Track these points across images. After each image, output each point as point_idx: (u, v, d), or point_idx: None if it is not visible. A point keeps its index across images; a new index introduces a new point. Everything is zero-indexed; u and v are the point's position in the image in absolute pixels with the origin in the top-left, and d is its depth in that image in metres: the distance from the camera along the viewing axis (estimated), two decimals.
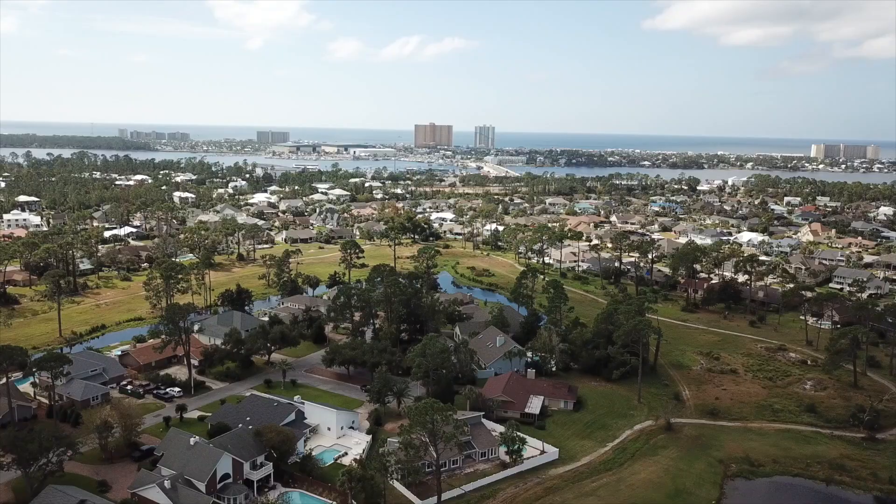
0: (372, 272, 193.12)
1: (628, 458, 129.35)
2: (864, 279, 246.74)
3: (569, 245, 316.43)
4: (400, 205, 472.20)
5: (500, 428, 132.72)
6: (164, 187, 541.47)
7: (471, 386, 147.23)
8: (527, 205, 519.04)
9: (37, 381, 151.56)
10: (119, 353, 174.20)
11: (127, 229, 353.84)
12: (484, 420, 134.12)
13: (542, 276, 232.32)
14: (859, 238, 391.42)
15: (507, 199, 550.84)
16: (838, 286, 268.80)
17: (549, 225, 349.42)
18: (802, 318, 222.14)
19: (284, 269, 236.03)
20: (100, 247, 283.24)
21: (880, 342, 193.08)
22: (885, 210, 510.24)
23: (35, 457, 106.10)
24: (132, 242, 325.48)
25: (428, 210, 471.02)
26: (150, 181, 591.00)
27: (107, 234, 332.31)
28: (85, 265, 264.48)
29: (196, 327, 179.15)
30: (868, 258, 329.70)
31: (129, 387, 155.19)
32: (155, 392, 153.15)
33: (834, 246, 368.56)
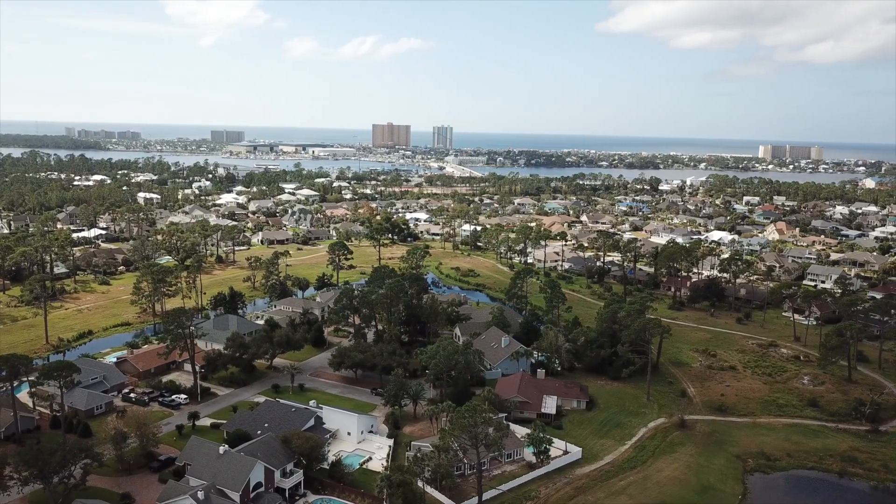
0: (373, 274, 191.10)
1: (650, 456, 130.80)
2: (846, 277, 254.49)
3: (546, 245, 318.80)
4: (373, 205, 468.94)
5: (520, 429, 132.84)
6: (124, 188, 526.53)
7: (489, 387, 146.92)
8: (497, 205, 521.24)
9: (34, 389, 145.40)
10: (115, 359, 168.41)
11: (95, 231, 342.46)
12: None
13: (535, 278, 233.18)
14: (822, 236, 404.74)
15: (476, 199, 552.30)
16: (812, 283, 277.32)
17: (529, 225, 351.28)
18: (786, 314, 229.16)
19: (273, 271, 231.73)
20: (72, 250, 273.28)
21: (863, 337, 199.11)
22: (840, 209, 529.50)
23: (57, 470, 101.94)
24: (102, 245, 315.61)
25: (400, 210, 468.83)
26: (108, 181, 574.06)
27: (74, 236, 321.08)
28: (59, 269, 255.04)
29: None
30: (834, 256, 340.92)
31: (132, 394, 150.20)
32: (160, 399, 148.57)
33: (799, 244, 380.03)
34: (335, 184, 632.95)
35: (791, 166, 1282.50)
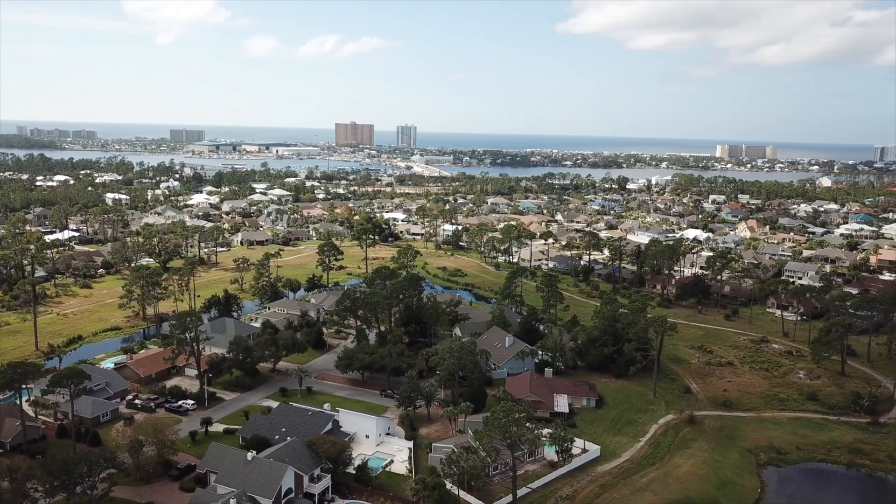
0: (374, 274, 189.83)
1: (666, 452, 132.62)
2: (828, 274, 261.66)
3: (530, 244, 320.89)
4: (350, 205, 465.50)
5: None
6: (89, 188, 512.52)
7: (503, 388, 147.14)
8: (472, 205, 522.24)
9: (32, 397, 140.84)
10: (112, 364, 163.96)
11: (68, 233, 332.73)
12: None
13: (526, 278, 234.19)
14: (791, 234, 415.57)
15: (450, 198, 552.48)
16: (790, 279, 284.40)
17: (512, 224, 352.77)
18: (770, 310, 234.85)
19: (263, 272, 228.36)
20: (50, 253, 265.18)
21: (853, 333, 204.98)
22: (804, 207, 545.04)
23: (81, 480, 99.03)
24: (77, 247, 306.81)
25: (377, 211, 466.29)
26: (72, 182, 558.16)
27: (46, 238, 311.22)
28: (38, 272, 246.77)
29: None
30: (806, 252, 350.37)
31: (136, 401, 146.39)
32: (167, 405, 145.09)
33: (770, 241, 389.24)
34: (307, 183, 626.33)
35: (748, 165, 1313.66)
